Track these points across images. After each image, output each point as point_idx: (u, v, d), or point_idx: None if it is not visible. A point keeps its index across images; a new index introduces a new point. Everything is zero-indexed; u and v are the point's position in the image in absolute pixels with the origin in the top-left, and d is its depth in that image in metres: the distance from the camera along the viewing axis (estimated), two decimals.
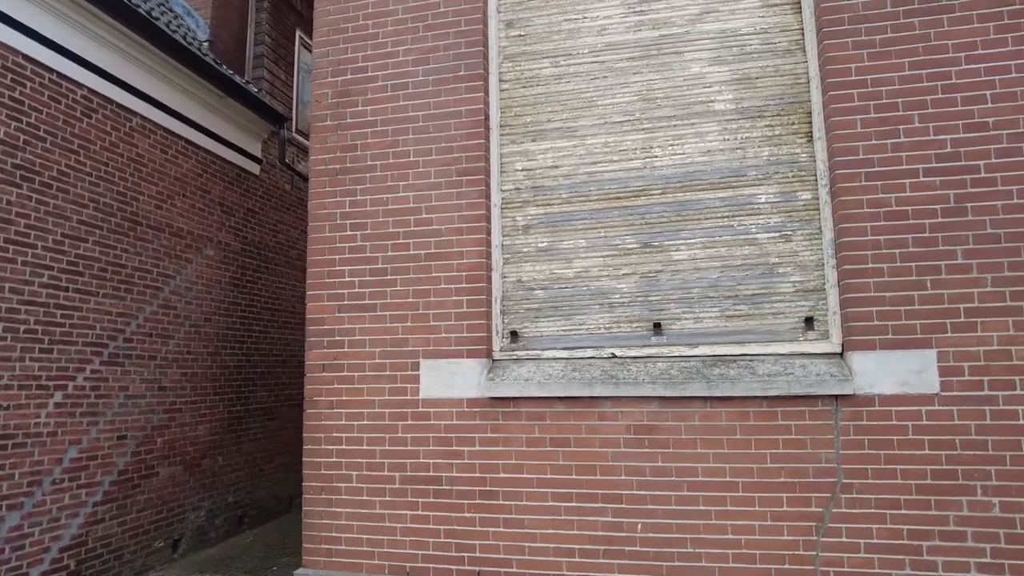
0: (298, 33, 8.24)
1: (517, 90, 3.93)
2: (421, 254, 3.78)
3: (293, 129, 7.97)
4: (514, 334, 3.74)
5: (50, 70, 4.96)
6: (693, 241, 3.61)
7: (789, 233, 3.51)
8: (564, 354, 3.65)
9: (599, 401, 3.45)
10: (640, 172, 3.71)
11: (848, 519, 3.15)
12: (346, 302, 3.86)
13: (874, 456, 3.15)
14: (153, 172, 5.91)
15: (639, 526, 3.35)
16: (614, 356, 3.58)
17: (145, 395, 5.73)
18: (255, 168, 7.35)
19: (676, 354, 3.51)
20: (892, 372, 3.17)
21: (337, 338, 3.85)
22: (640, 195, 3.70)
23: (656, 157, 3.70)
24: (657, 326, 3.58)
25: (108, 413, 5.35)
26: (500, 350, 3.73)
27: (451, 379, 3.64)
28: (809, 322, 3.43)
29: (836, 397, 3.21)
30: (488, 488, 3.54)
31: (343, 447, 3.76)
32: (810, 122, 3.55)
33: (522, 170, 3.87)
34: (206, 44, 6.79)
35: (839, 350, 3.35)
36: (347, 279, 3.88)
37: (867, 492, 3.14)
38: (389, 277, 3.81)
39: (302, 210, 8.24)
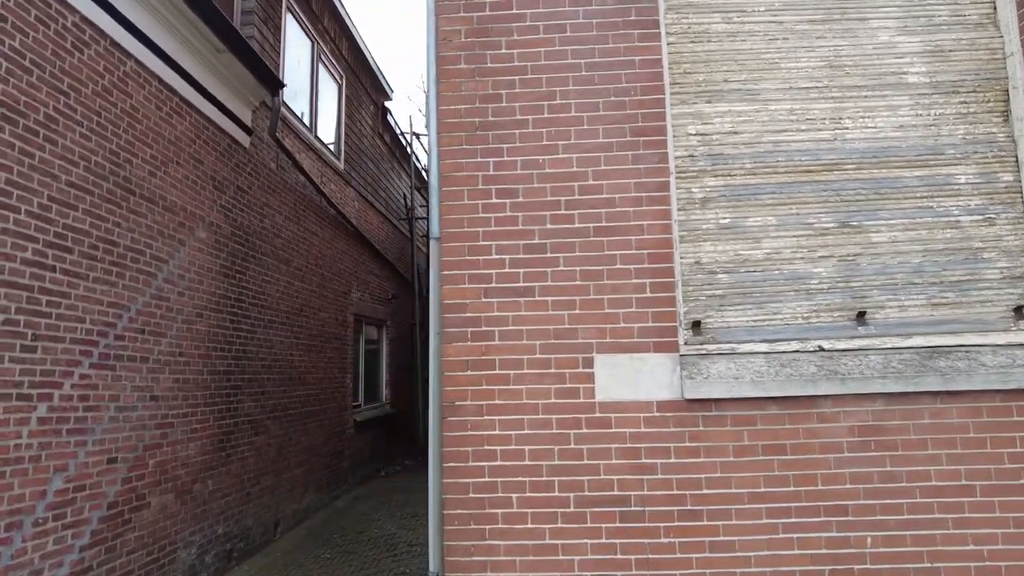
0: None
1: (685, 45, 3.36)
2: (590, 228, 3.09)
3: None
4: (696, 324, 3.14)
5: None
6: (893, 222, 3.20)
7: (992, 216, 3.20)
8: (763, 348, 3.10)
9: (818, 400, 2.94)
10: (831, 144, 3.27)
11: None
12: (494, 285, 3.08)
13: None
14: (147, 132, 4.69)
15: (868, 540, 2.86)
16: (821, 349, 3.08)
17: (136, 406, 4.49)
18: (246, 140, 6.18)
19: (889, 346, 3.08)
20: None
21: (484, 328, 3.05)
22: (833, 169, 3.25)
23: (847, 129, 3.27)
24: (861, 315, 3.13)
25: (97, 430, 4.10)
26: (684, 343, 3.11)
27: (635, 378, 2.98)
28: (1019, 311, 3.13)
29: None
30: (689, 507, 2.90)
31: (498, 463, 2.97)
32: (1007, 100, 3.27)
33: (696, 135, 3.30)
34: None
35: None
36: (494, 257, 3.10)
37: None
38: (549, 255, 3.08)
39: (286, 193, 7.09)
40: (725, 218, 3.23)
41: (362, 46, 9.29)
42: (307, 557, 5.97)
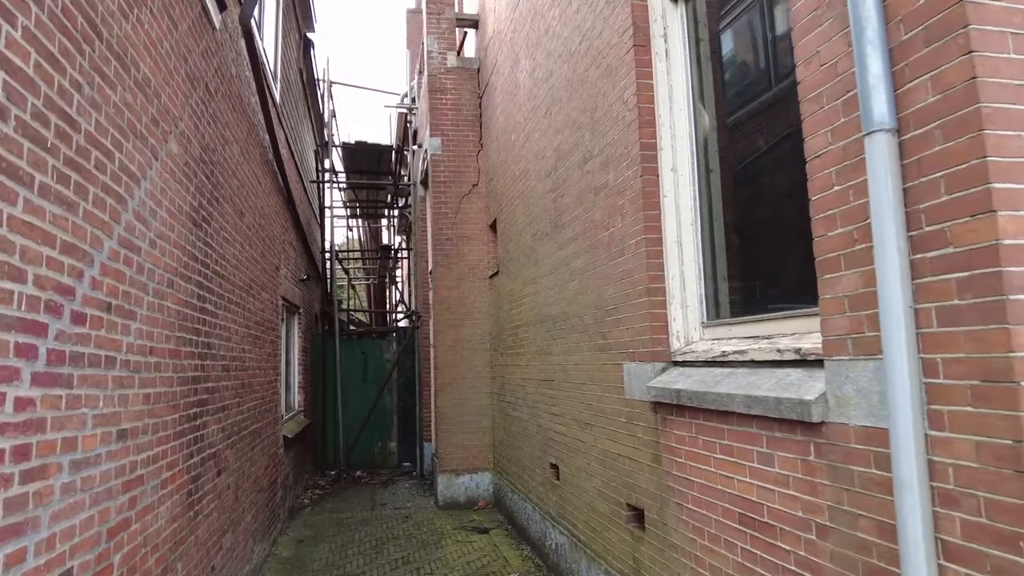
0: None
1: None
2: None
3: None
4: None
5: None
6: None
7: None
8: None
9: None
10: None
11: None
12: None
13: None
14: None
15: None
16: None
17: (100, 455, 2.20)
18: (217, 18, 3.81)
19: None
20: None
21: None
22: None
23: None
24: None
25: (43, 520, 1.81)
26: None
27: None
28: None
29: None
30: None
31: None
32: None
33: None
34: None
35: None
36: None
37: None
38: None
39: (242, 117, 4.70)
40: None
41: None
42: None
